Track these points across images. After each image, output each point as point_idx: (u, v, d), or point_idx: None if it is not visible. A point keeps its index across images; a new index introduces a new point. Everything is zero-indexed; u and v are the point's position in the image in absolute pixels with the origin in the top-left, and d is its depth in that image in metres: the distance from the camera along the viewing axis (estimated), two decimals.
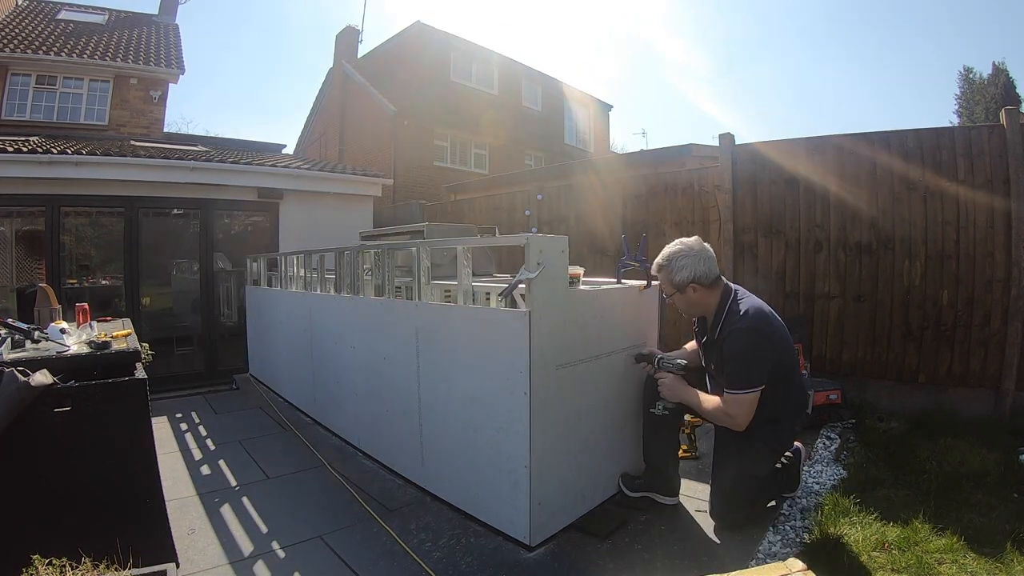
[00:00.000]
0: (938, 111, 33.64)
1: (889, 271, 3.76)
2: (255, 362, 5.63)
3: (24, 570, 1.44)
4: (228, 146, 9.14)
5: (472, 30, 46.90)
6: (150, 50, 9.53)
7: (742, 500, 2.33)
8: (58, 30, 9.39)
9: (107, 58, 8.64)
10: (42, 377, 1.77)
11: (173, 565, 1.67)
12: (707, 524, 2.38)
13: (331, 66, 14.75)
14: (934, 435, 3.16)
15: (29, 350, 2.12)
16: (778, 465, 2.48)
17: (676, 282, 2.33)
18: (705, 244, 2.38)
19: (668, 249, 2.39)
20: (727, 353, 2.22)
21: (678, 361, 2.45)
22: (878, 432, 3.37)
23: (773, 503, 2.50)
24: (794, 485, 2.56)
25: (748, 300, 2.30)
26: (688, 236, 2.46)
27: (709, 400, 2.31)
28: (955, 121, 23.14)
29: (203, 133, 15.58)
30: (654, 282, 2.79)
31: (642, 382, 2.64)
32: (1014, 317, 3.35)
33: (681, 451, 2.56)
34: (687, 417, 2.40)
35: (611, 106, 18.66)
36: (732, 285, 2.39)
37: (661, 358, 2.50)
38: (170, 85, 9.38)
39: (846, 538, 2.17)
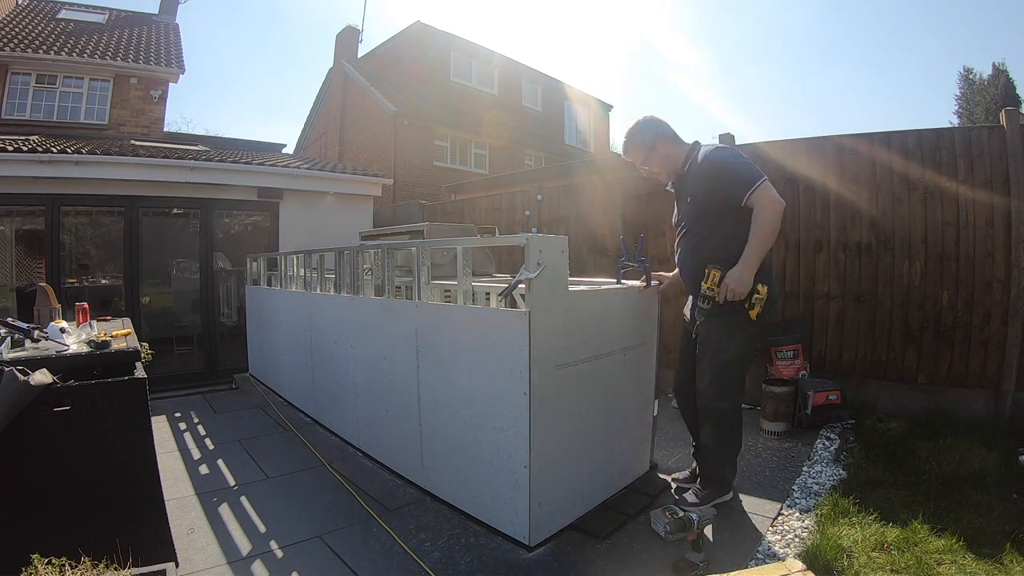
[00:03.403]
0: (938, 112, 33.67)
1: (889, 271, 3.76)
2: (255, 362, 5.63)
3: (24, 569, 1.44)
4: (228, 146, 9.14)
5: (472, 30, 46.94)
6: (150, 49, 9.52)
7: (729, 387, 2.40)
8: (58, 29, 9.39)
9: (107, 57, 8.64)
10: (42, 376, 1.77)
11: (172, 565, 1.67)
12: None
13: (331, 66, 14.77)
14: (934, 436, 3.16)
15: (29, 349, 2.12)
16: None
17: (645, 142, 2.43)
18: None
19: (630, 125, 2.51)
20: (713, 173, 2.29)
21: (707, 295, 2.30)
22: (878, 432, 3.37)
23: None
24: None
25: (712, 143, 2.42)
26: None
27: (753, 239, 2.19)
28: (955, 122, 23.13)
29: (203, 133, 15.57)
30: (654, 282, 2.80)
31: (642, 382, 2.64)
32: (1014, 318, 3.35)
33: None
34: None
35: (611, 106, 18.69)
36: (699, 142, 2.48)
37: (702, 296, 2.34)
38: (170, 84, 9.38)
39: (846, 538, 2.17)
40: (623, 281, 2.82)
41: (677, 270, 2.63)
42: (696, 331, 2.47)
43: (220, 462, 3.31)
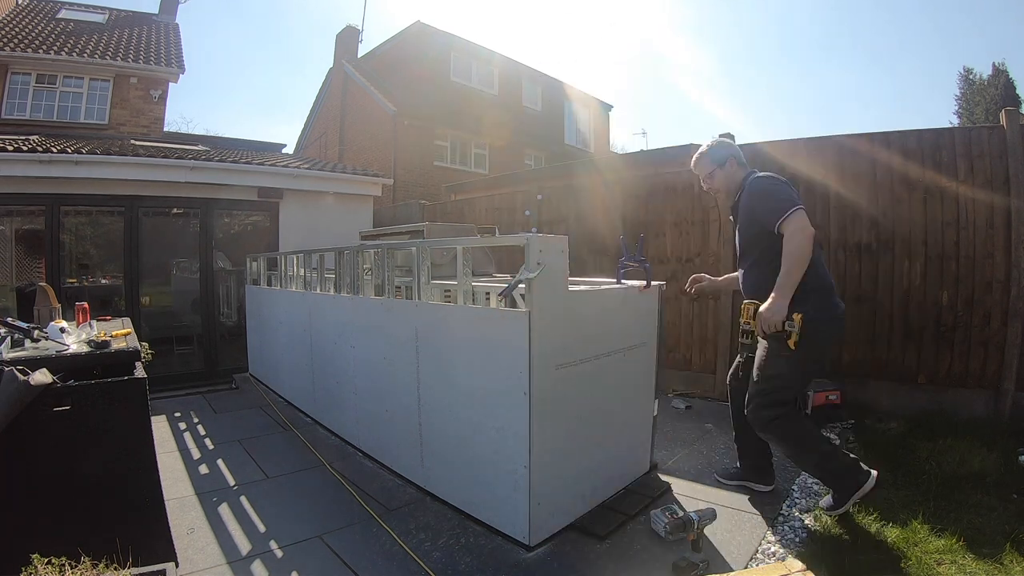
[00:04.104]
0: (938, 112, 33.67)
1: (889, 272, 3.76)
2: (255, 362, 5.63)
3: (24, 569, 1.44)
4: (228, 146, 9.13)
5: (473, 30, 46.94)
6: (150, 49, 9.52)
7: (769, 397, 2.34)
8: (58, 29, 9.39)
9: (107, 57, 8.64)
10: (42, 376, 1.77)
11: (172, 564, 1.68)
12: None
13: (331, 66, 14.75)
14: (933, 436, 3.16)
15: (29, 349, 2.12)
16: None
17: (718, 158, 2.54)
18: None
19: (704, 144, 2.63)
20: (753, 200, 2.37)
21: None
22: (878, 433, 3.38)
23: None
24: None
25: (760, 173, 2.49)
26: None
27: (784, 267, 2.20)
28: (955, 122, 23.10)
29: (203, 132, 15.56)
30: (653, 282, 2.80)
31: (642, 382, 2.64)
32: (1014, 318, 3.35)
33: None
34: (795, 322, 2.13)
35: (611, 106, 18.68)
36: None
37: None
38: (170, 84, 9.38)
39: (845, 538, 2.17)
40: (623, 281, 2.82)
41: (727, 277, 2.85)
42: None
43: (220, 462, 3.31)
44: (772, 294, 2.21)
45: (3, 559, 1.59)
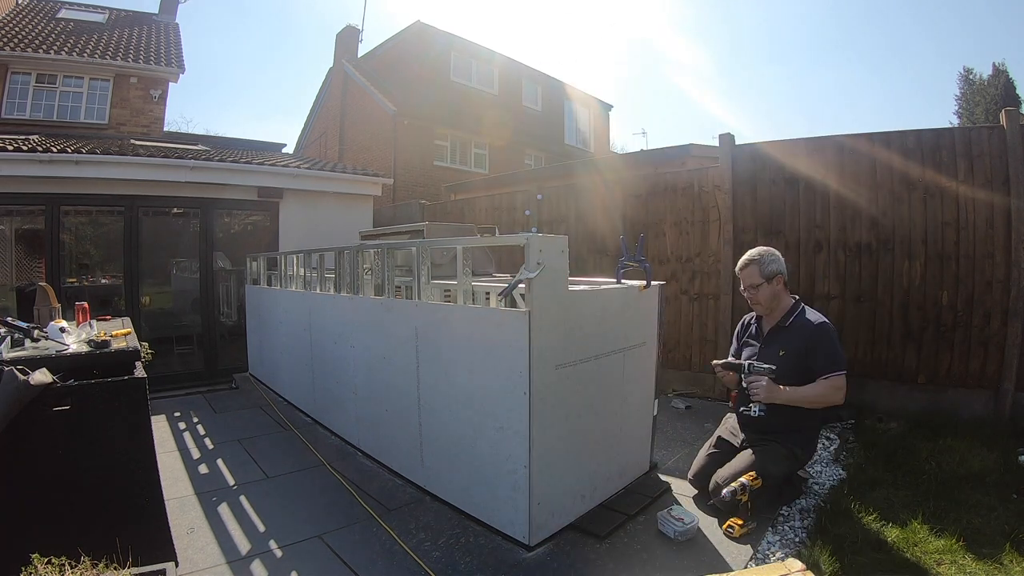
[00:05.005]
0: (938, 112, 33.65)
1: (889, 271, 3.76)
2: (255, 361, 5.63)
3: (23, 569, 1.44)
4: (228, 145, 9.14)
5: (473, 30, 46.92)
6: (150, 49, 9.52)
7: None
8: (58, 29, 9.38)
9: (107, 57, 8.63)
10: (41, 376, 1.77)
11: (172, 564, 1.67)
12: (706, 525, 2.38)
13: (331, 66, 14.75)
14: (933, 436, 3.17)
15: (28, 349, 2.12)
16: (799, 473, 2.59)
17: (768, 272, 2.62)
18: None
19: (756, 249, 2.70)
20: (818, 344, 2.50)
21: (767, 366, 2.53)
22: (877, 432, 3.38)
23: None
24: (793, 496, 2.60)
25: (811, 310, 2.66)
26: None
27: (806, 390, 2.46)
28: (955, 122, 23.11)
29: (203, 132, 15.56)
30: (653, 282, 2.80)
31: (642, 382, 2.64)
32: (1014, 318, 3.35)
33: (738, 527, 2.27)
34: (746, 480, 2.29)
35: (611, 106, 18.67)
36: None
37: (751, 364, 2.59)
38: (170, 84, 9.38)
39: (845, 538, 2.17)
40: (623, 281, 2.82)
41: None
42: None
43: (220, 462, 3.31)
44: (784, 388, 2.48)
45: (3, 559, 1.59)
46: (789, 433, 2.50)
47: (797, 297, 2.72)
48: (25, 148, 5.01)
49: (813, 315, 2.62)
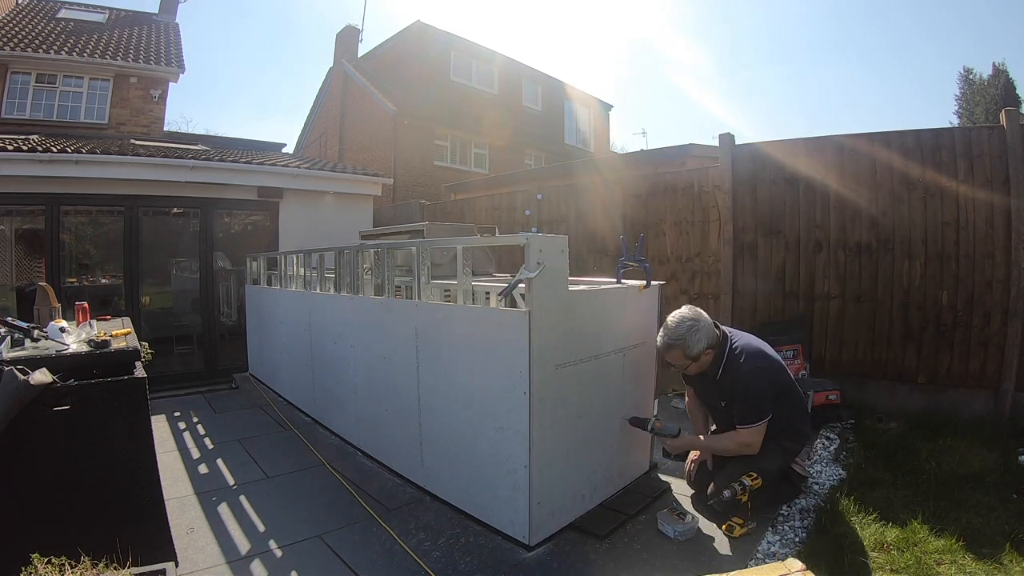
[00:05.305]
0: (938, 112, 33.61)
1: (889, 271, 3.76)
2: (254, 361, 5.63)
3: (24, 568, 1.44)
4: (228, 145, 9.14)
5: (473, 30, 46.88)
6: (150, 49, 9.52)
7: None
8: (58, 28, 9.38)
9: (107, 57, 8.63)
10: (41, 376, 1.76)
11: (172, 564, 1.67)
12: (706, 525, 2.38)
13: (331, 65, 14.74)
14: (933, 436, 3.17)
15: (28, 349, 2.12)
16: (792, 466, 2.56)
17: (694, 355, 2.44)
18: (697, 308, 2.54)
19: (676, 327, 2.44)
20: (737, 394, 2.42)
21: (670, 426, 2.56)
22: (877, 432, 3.38)
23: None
24: (792, 495, 2.60)
25: (741, 340, 2.51)
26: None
27: (718, 440, 2.51)
28: (955, 122, 23.08)
29: (203, 132, 15.55)
30: (653, 282, 2.80)
31: (642, 382, 2.64)
32: (1014, 318, 3.35)
33: (738, 527, 2.28)
34: (747, 482, 2.26)
35: (611, 106, 18.66)
36: (722, 328, 2.56)
37: (652, 428, 2.59)
38: (170, 84, 9.37)
39: (845, 538, 2.17)
40: (623, 281, 2.82)
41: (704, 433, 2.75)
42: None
43: (220, 462, 3.31)
44: (701, 437, 2.60)
45: (3, 559, 1.59)
46: (774, 434, 2.44)
47: (726, 333, 2.53)
48: (25, 148, 5.01)
49: (747, 353, 2.44)
